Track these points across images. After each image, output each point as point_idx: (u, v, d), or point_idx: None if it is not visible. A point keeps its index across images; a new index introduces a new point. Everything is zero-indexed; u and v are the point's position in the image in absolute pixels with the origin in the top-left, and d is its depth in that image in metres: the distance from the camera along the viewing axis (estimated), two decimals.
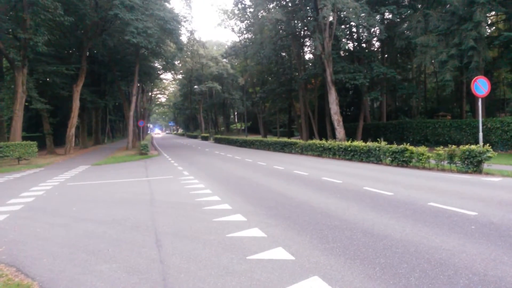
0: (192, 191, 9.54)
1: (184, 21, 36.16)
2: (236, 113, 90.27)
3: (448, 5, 23.09)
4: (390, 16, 30.42)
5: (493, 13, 24.90)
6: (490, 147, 11.81)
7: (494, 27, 30.14)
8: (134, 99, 34.17)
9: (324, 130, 35.09)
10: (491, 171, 11.37)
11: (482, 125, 14.10)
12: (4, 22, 22.26)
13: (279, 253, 4.50)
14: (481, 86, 13.33)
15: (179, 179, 12.21)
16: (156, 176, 13.48)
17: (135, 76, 33.26)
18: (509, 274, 3.66)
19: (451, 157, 12.22)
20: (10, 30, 22.99)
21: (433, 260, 4.11)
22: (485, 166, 11.64)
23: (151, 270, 4.16)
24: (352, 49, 34.36)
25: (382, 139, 16.62)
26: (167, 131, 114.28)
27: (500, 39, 22.41)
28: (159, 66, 44.95)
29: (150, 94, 69.84)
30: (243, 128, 71.77)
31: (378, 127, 32.35)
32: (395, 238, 4.96)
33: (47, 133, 29.73)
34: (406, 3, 29.75)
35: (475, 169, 11.43)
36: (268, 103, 53.64)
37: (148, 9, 27.57)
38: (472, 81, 13.64)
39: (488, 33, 25.23)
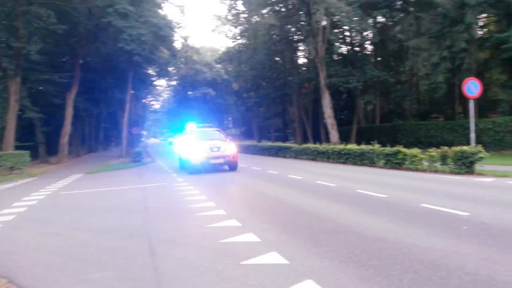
0: (186, 197, 9.50)
1: (178, 28, 36.27)
2: (230, 119, 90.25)
3: (439, 8, 23.37)
4: (383, 19, 30.68)
5: (485, 14, 25.17)
6: (483, 147, 11.90)
7: (486, 29, 30.42)
8: (127, 106, 34.09)
9: (319, 133, 35.19)
10: (484, 172, 11.44)
11: (475, 126, 14.24)
12: None
13: (274, 258, 4.50)
14: (472, 88, 13.46)
15: (173, 185, 12.17)
16: (150, 183, 13.43)
17: (128, 83, 33.21)
18: (499, 272, 3.70)
19: (443, 159, 12.30)
20: (3, 39, 22.94)
21: (426, 261, 4.13)
22: (478, 166, 11.71)
23: (144, 277, 4.15)
24: (345, 52, 34.59)
25: (376, 141, 16.72)
26: (161, 138, 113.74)
27: (491, 40, 22.68)
28: (153, 73, 44.93)
29: (144, 101, 69.71)
30: (237, 133, 71.80)
31: (372, 130, 32.49)
32: (388, 240, 4.98)
33: (40, 142, 29.56)
34: (399, 6, 30.01)
35: (467, 170, 11.50)
36: (262, 108, 53.70)
37: (142, 16, 27.59)
38: (463, 82, 13.79)
39: (480, 35, 25.50)
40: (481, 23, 26.53)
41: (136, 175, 16.85)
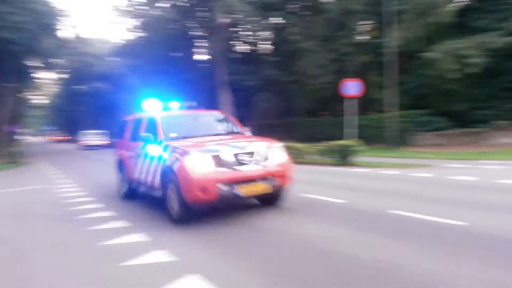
0: (68, 199, 8.71)
1: (63, 16, 33.16)
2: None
3: (329, 13, 25.33)
4: (283, 21, 31.94)
5: (370, 21, 27.89)
6: (363, 141, 13.32)
7: (371, 35, 33.66)
8: (5, 101, 30.21)
9: None
10: (362, 163, 12.80)
11: (355, 122, 15.95)
12: None
13: (163, 256, 4.40)
14: (347, 88, 15.08)
15: (53, 187, 11.08)
16: (27, 186, 12.06)
17: (4, 75, 29.39)
18: (364, 251, 4.19)
19: (327, 152, 13.47)
20: None
21: (305, 246, 4.48)
22: (356, 158, 13.05)
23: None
24: (246, 51, 35.41)
25: (272, 137, 17.46)
26: (46, 136, 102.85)
27: (370, 45, 25.35)
28: (36, 65, 40.33)
29: (24, 95, 62.30)
30: None
31: (270, 126, 33.77)
32: (274, 231, 5.26)
33: None
34: (295, 9, 31.56)
35: (348, 161, 12.77)
36: None
37: (21, 2, 24.57)
38: (340, 83, 15.28)
39: (366, 40, 28.17)
40: (368, 29, 29.31)
41: (12, 178, 15.05)
